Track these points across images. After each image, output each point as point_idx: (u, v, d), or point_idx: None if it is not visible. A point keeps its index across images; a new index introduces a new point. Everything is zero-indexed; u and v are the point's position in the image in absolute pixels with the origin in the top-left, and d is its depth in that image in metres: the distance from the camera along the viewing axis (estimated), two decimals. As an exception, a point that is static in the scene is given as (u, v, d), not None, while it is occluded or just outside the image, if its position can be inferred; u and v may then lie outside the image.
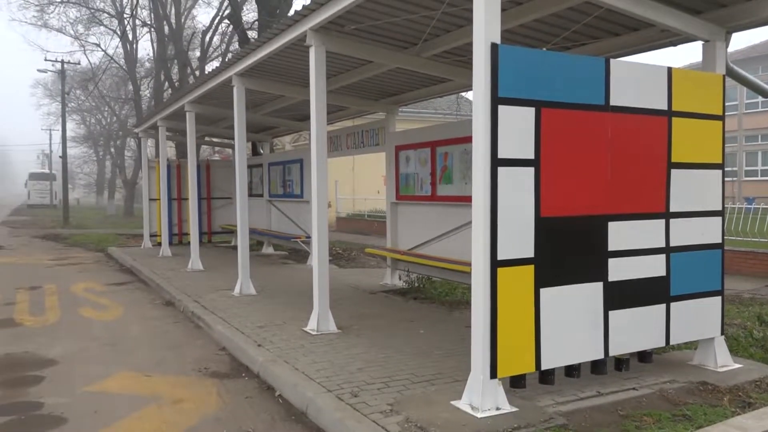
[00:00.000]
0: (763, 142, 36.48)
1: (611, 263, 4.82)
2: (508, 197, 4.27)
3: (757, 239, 13.02)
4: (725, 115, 5.47)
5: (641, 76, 4.95)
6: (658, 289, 5.11)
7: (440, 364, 5.55)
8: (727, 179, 5.93)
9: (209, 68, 23.57)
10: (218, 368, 6.05)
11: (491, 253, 4.22)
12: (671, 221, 5.16)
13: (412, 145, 9.71)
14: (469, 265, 4.55)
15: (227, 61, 9.36)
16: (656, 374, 5.23)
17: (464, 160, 8.48)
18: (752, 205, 16.87)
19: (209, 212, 18.07)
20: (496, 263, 4.23)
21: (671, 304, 5.17)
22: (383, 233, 11.65)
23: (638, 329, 5.00)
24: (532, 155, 4.39)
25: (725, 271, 5.64)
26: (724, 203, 5.55)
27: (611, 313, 4.81)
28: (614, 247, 4.83)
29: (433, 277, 9.59)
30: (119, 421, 4.66)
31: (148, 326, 7.98)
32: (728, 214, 13.79)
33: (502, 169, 4.24)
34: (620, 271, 4.86)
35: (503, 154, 4.24)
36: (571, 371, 4.98)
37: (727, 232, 9.83)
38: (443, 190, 9.02)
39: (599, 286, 4.76)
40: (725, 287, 5.64)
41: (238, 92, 9.17)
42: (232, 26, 22.64)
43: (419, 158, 9.53)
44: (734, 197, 30.68)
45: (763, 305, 8.68)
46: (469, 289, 6.35)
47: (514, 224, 4.32)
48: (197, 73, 25.42)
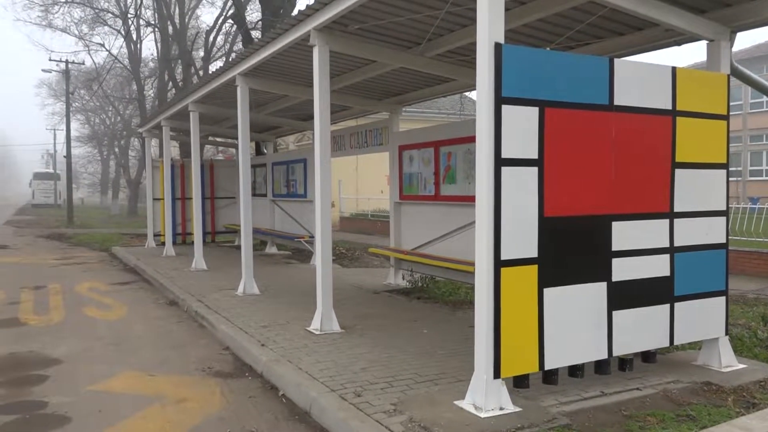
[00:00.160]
0: (767, 141, 36.37)
1: (615, 263, 4.81)
2: (511, 197, 4.27)
3: (761, 239, 12.99)
4: (730, 114, 5.46)
5: (645, 75, 4.94)
6: (662, 289, 5.09)
7: (444, 363, 5.55)
8: (731, 179, 5.92)
9: (213, 68, 23.58)
10: (222, 368, 6.06)
11: (495, 252, 4.22)
12: (675, 221, 5.15)
13: (415, 144, 9.71)
14: (472, 264, 4.55)
15: (231, 60, 9.38)
16: (660, 374, 5.22)
17: (468, 159, 8.48)
18: (757, 204, 16.82)
19: (213, 212, 18.10)
20: (499, 263, 4.23)
21: (675, 304, 5.16)
22: (386, 233, 11.65)
23: (642, 329, 4.99)
24: (535, 155, 4.38)
25: (729, 271, 5.62)
26: (728, 203, 5.54)
27: (615, 313, 4.80)
28: (618, 247, 4.83)
29: (436, 276, 9.59)
30: (123, 420, 4.67)
31: (151, 326, 8.00)
32: (732, 214, 13.76)
33: (505, 168, 4.24)
34: (624, 271, 4.85)
35: (507, 153, 4.24)
36: (574, 371, 4.98)
37: (731, 232, 9.79)
38: (447, 189, 9.02)
39: (603, 286, 4.76)
40: (729, 287, 5.62)
41: (241, 92, 9.18)
42: (235, 26, 22.67)
43: (423, 158, 9.52)
44: (738, 197, 30.58)
45: (767, 305, 8.65)
46: (472, 288, 6.34)
47: (517, 224, 4.31)
48: (201, 73, 25.46)
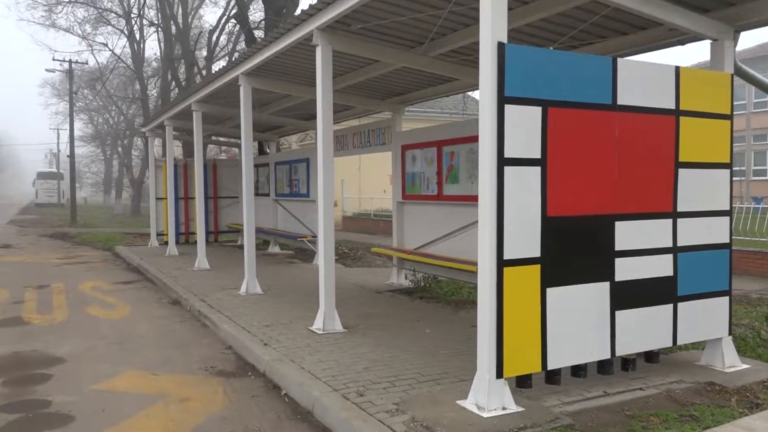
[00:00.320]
0: (771, 141, 36.28)
1: (618, 263, 4.81)
2: (514, 197, 4.26)
3: (765, 239, 12.95)
4: (733, 114, 5.44)
5: (649, 75, 4.93)
6: (665, 289, 5.08)
7: (446, 363, 5.55)
8: (735, 179, 5.90)
9: (216, 68, 23.61)
10: (224, 367, 6.07)
11: (497, 252, 4.21)
12: (679, 221, 5.14)
13: (418, 144, 9.70)
14: (475, 264, 4.55)
15: (234, 60, 9.38)
16: (663, 374, 5.21)
17: (470, 159, 8.47)
18: (760, 204, 16.77)
19: (216, 211, 18.11)
20: (502, 263, 4.23)
21: (678, 304, 5.15)
22: (389, 232, 11.65)
23: (645, 329, 4.98)
24: (538, 155, 4.38)
25: (733, 271, 5.60)
26: (732, 203, 5.52)
27: (618, 312, 4.80)
28: (621, 246, 4.82)
29: (439, 276, 9.59)
30: (126, 419, 4.68)
31: (155, 325, 8.01)
32: (736, 213, 13.73)
33: (508, 168, 4.23)
34: (627, 270, 4.85)
35: (510, 153, 4.24)
36: (577, 371, 4.97)
37: (735, 231, 9.78)
38: (449, 189, 9.01)
39: (606, 285, 4.75)
40: (733, 287, 5.60)
41: (244, 91, 9.18)
42: (238, 26, 22.69)
43: (425, 158, 9.52)
44: (742, 197, 30.48)
45: (771, 305, 8.63)
46: (475, 288, 6.33)
47: (520, 224, 4.31)
48: (204, 72, 25.47)
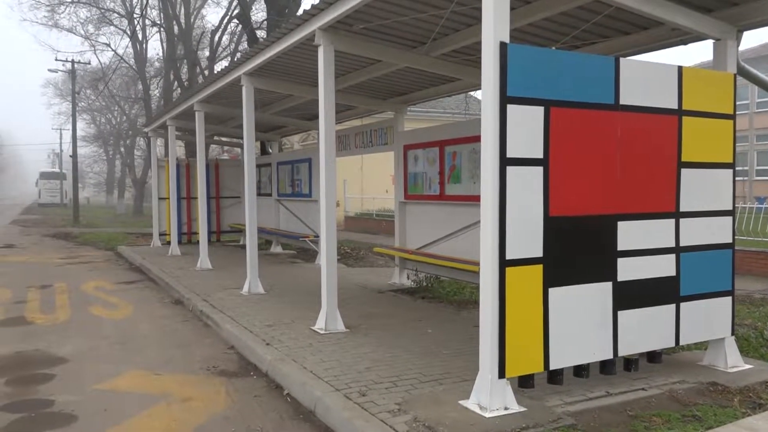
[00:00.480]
0: (774, 141, 36.20)
1: (620, 263, 4.80)
2: (516, 197, 4.26)
3: (768, 239, 12.91)
4: (736, 114, 5.43)
5: (651, 75, 4.92)
6: (667, 289, 5.08)
7: (448, 363, 5.55)
8: (738, 179, 5.89)
9: (218, 68, 23.64)
10: (227, 367, 6.07)
11: (500, 252, 4.21)
12: (681, 221, 5.13)
13: (420, 144, 9.70)
14: (477, 264, 4.55)
15: (236, 60, 9.38)
16: (666, 374, 5.20)
17: (473, 159, 8.47)
18: (763, 204, 16.74)
19: (218, 211, 18.14)
20: (504, 263, 4.23)
21: (681, 304, 5.14)
22: (391, 232, 11.66)
23: (648, 329, 4.97)
24: (541, 155, 4.37)
25: (736, 271, 5.60)
26: (734, 203, 5.52)
27: (620, 313, 4.79)
28: (624, 246, 4.81)
29: (441, 276, 9.58)
30: (129, 419, 4.69)
31: (157, 325, 8.02)
32: (739, 213, 13.69)
33: (510, 168, 4.23)
34: (629, 270, 4.84)
35: (512, 153, 4.23)
36: (579, 371, 4.97)
37: (737, 231, 9.76)
38: (452, 189, 9.01)
39: (608, 285, 4.74)
40: (736, 287, 5.60)
41: (246, 92, 9.19)
42: (241, 26, 22.69)
43: (428, 157, 9.51)
44: (745, 197, 30.42)
45: (774, 306, 8.61)
46: (477, 288, 6.33)
47: (522, 224, 4.31)
48: (206, 72, 25.50)
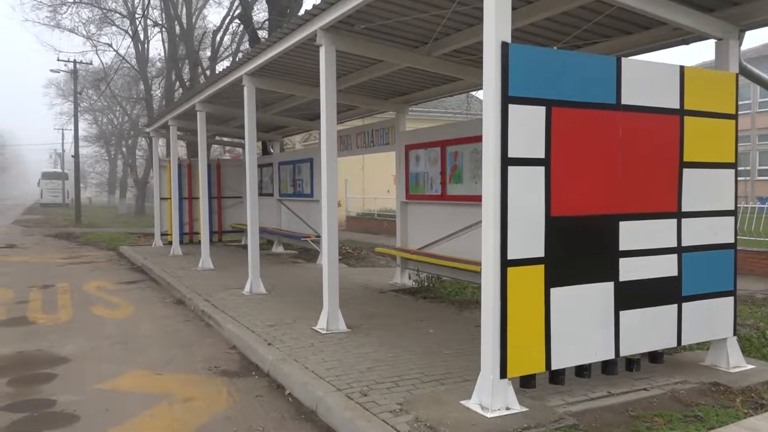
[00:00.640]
0: (776, 141, 36.15)
1: (622, 263, 4.79)
2: (518, 197, 4.26)
3: (770, 239, 12.89)
4: (738, 113, 5.43)
5: (653, 74, 4.92)
6: (669, 289, 5.07)
7: (450, 363, 5.54)
8: (739, 179, 5.88)
9: (220, 68, 23.67)
10: (228, 367, 6.08)
11: (501, 252, 4.21)
12: (683, 221, 5.12)
13: (422, 144, 9.70)
14: (478, 264, 4.54)
15: (238, 60, 9.39)
16: (668, 375, 5.20)
17: (474, 159, 8.47)
18: (765, 204, 16.71)
19: (220, 211, 18.15)
20: (506, 263, 4.22)
21: (683, 304, 5.14)
22: (393, 232, 11.66)
23: (649, 329, 4.97)
24: (542, 154, 4.37)
25: (738, 271, 5.59)
26: (736, 203, 5.51)
27: (622, 313, 4.79)
28: (625, 246, 4.81)
29: (442, 276, 9.58)
30: (131, 419, 4.69)
31: (159, 325, 8.03)
32: (741, 213, 13.67)
33: (512, 168, 4.23)
34: (631, 271, 4.83)
35: (513, 153, 4.23)
36: (581, 371, 4.96)
37: (739, 231, 9.73)
38: (453, 189, 9.00)
39: (610, 285, 4.74)
40: (738, 287, 5.59)
41: (248, 92, 9.20)
42: (242, 26, 22.72)
43: (429, 157, 9.51)
44: (747, 197, 30.36)
45: (776, 306, 8.60)
46: (479, 288, 6.33)
47: (524, 224, 4.30)
48: (208, 72, 25.53)
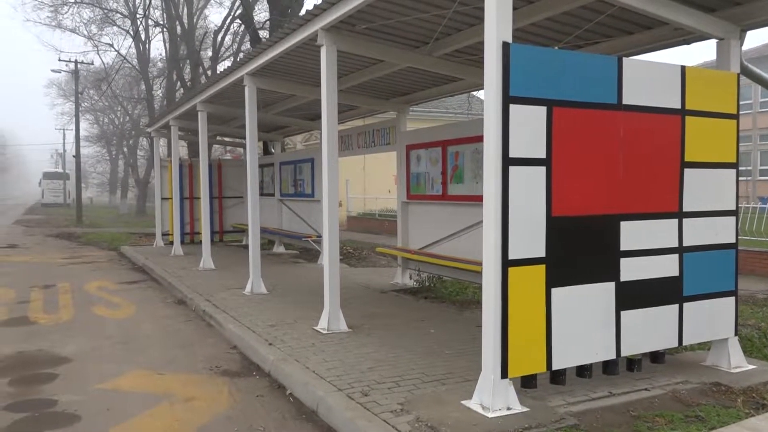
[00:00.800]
0: (777, 141, 36.12)
1: (623, 263, 4.79)
2: (519, 197, 4.26)
3: (771, 239, 12.88)
4: (739, 113, 5.42)
5: (654, 74, 4.92)
6: (670, 289, 5.07)
7: (451, 363, 5.54)
8: (741, 179, 5.88)
9: (221, 68, 23.66)
10: (229, 367, 6.08)
11: (502, 252, 4.21)
12: (684, 221, 5.12)
13: (423, 144, 9.70)
14: (480, 264, 4.54)
15: (239, 60, 9.40)
16: (669, 375, 5.19)
17: (475, 159, 8.47)
18: (767, 204, 16.69)
19: (221, 211, 18.16)
20: (507, 263, 4.22)
21: (684, 304, 5.13)
22: (394, 232, 11.65)
23: (651, 329, 4.97)
24: (543, 154, 4.37)
25: (739, 271, 5.58)
26: (737, 203, 5.50)
27: (623, 313, 4.78)
28: (626, 246, 4.80)
29: (443, 276, 9.58)
30: (132, 418, 4.69)
31: (160, 325, 8.04)
32: (742, 213, 13.65)
33: (513, 168, 4.23)
34: (632, 271, 4.83)
35: (514, 153, 4.23)
36: (582, 371, 4.96)
37: (741, 232, 9.73)
38: (454, 189, 9.00)
39: (611, 286, 4.74)
40: (739, 287, 5.59)
41: (249, 92, 9.20)
42: (243, 26, 22.73)
43: (430, 157, 9.51)
44: (748, 197, 30.35)
45: (777, 306, 8.59)
46: (480, 288, 6.33)
47: (525, 224, 4.30)
48: (209, 72, 25.54)
